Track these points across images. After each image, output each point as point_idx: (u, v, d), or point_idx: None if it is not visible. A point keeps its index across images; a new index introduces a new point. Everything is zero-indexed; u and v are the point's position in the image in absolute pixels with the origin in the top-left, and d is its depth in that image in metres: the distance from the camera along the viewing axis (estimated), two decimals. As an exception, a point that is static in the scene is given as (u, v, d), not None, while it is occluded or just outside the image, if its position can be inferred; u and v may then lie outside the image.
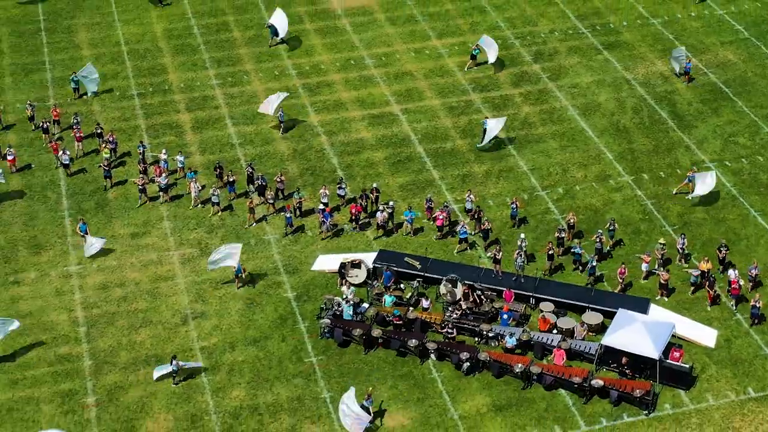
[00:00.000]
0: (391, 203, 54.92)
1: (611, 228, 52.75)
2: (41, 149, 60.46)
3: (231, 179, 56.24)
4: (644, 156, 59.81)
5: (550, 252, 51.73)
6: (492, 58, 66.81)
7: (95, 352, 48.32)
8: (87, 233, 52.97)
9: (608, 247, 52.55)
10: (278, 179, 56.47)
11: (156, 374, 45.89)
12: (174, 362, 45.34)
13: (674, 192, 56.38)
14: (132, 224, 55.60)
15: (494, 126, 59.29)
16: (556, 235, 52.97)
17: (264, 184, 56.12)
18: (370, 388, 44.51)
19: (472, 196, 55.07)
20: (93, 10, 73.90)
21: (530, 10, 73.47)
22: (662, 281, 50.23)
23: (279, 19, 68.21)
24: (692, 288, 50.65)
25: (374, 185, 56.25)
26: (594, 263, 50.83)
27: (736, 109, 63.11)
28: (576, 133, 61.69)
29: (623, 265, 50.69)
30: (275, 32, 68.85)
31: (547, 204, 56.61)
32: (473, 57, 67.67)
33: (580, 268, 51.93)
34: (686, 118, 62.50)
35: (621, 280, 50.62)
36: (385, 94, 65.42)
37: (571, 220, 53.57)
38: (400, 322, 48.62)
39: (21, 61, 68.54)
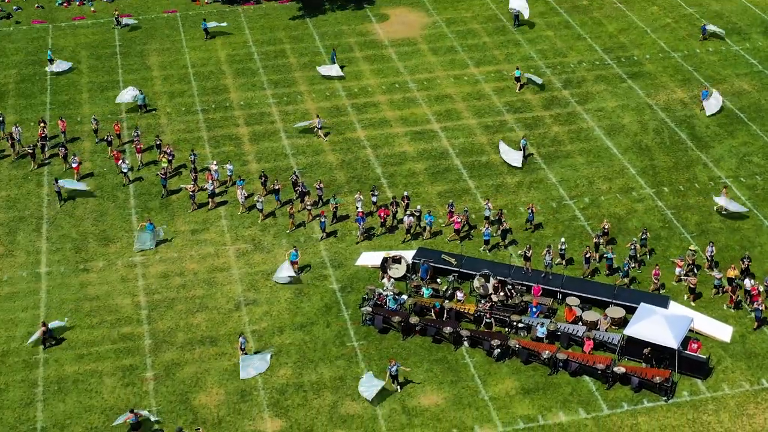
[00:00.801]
0: (418, 207, 54.05)
1: (643, 237, 51.33)
2: (106, 159, 60.10)
3: (276, 187, 55.37)
4: (664, 171, 58.43)
5: (587, 255, 50.39)
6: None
7: (155, 332, 47.66)
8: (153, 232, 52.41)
9: (641, 255, 50.92)
10: (318, 185, 55.72)
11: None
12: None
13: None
14: (192, 222, 55.00)
15: (507, 151, 58.98)
16: (594, 240, 51.55)
17: (304, 191, 55.30)
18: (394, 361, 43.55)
19: (490, 204, 53.93)
20: (164, 38, 73.87)
21: (560, 44, 72.51)
22: (691, 285, 48.69)
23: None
24: (714, 290, 49.05)
25: (405, 193, 55.39)
26: (629, 267, 49.62)
27: (751, 132, 61.66)
28: (601, 150, 60.45)
29: (657, 267, 49.31)
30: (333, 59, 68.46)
31: (574, 212, 55.36)
32: (517, 79, 67.03)
33: (617, 272, 50.51)
34: (704, 139, 61.11)
35: (656, 281, 49.15)
36: (426, 113, 64.58)
37: (606, 227, 52.22)
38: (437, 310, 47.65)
39: (97, 80, 68.55)
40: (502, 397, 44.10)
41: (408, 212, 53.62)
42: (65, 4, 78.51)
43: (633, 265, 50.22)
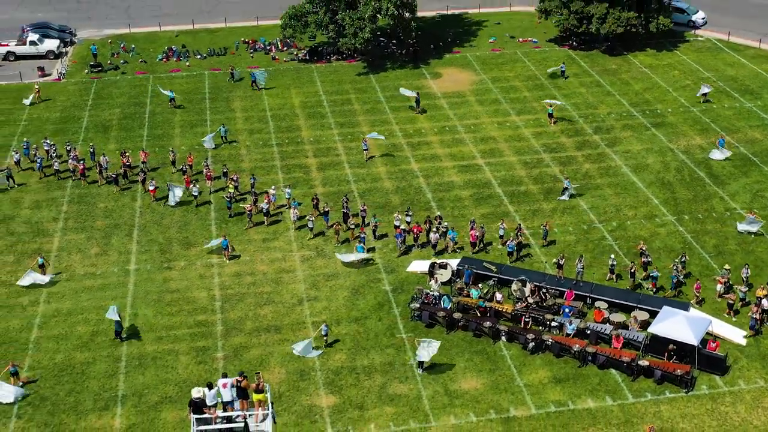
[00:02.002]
0: (445, 224, 52.43)
1: (683, 259, 48.87)
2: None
3: (325, 210, 53.96)
4: (685, 203, 56.28)
5: (632, 270, 48.15)
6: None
7: (226, 320, 46.46)
8: (227, 248, 51.02)
9: (682, 276, 48.36)
10: (362, 207, 54.31)
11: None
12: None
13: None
14: (264, 232, 53.96)
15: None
16: (642, 260, 48.97)
17: (347, 212, 53.85)
18: None
19: (504, 224, 52.22)
20: (247, 87, 73.64)
21: (592, 98, 71.03)
22: (729, 301, 46.19)
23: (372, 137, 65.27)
24: (740, 303, 46.53)
25: (438, 214, 53.94)
26: (676, 279, 47.49)
27: (763, 173, 59.34)
28: (628, 184, 58.51)
29: (698, 281, 47.07)
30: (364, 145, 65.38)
31: (603, 233, 53.35)
32: (550, 115, 65.80)
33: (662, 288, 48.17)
34: (720, 177, 58.93)
35: (696, 294, 46.70)
36: (472, 151, 63.25)
37: (643, 248, 49.87)
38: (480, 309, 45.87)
39: (188, 119, 68.39)
40: (535, 385, 42.03)
41: (434, 229, 51.91)
42: (164, 60, 78.96)
43: (680, 276, 47.83)
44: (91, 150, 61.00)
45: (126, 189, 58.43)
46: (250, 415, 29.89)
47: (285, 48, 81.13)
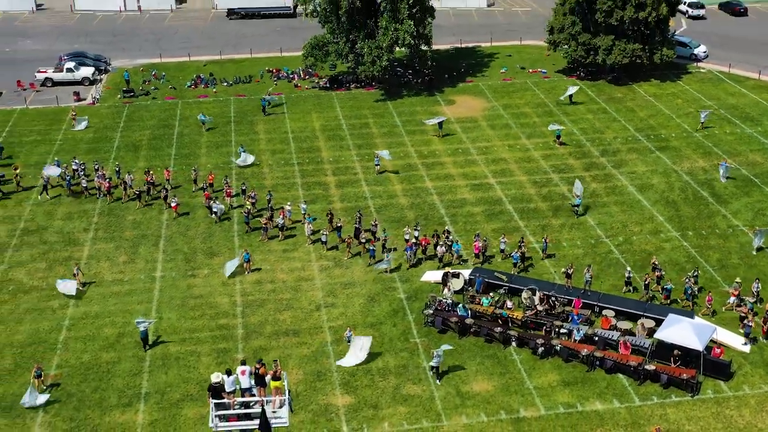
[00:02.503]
0: (451, 238, 51.64)
1: (695, 274, 47.56)
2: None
3: (339, 225, 53.16)
4: (689, 220, 55.38)
5: (647, 282, 47.10)
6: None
7: (247, 324, 45.79)
8: (249, 261, 50.32)
9: (696, 289, 46.88)
10: (373, 223, 53.50)
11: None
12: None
13: None
14: (284, 243, 53.33)
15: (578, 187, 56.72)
16: (657, 274, 47.60)
17: (359, 227, 52.97)
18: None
19: (505, 239, 51.46)
20: (269, 117, 73.31)
21: (598, 124, 70.43)
22: (742, 314, 45.07)
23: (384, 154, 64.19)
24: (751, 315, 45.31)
25: (447, 228, 53.20)
26: (691, 291, 46.11)
27: (764, 193, 58.42)
28: (633, 202, 57.70)
29: (709, 294, 45.98)
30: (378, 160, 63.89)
31: (610, 247, 52.48)
32: (558, 137, 65.50)
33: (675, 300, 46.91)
34: (723, 197, 58.04)
35: (708, 306, 45.50)
36: (484, 171, 62.64)
37: (655, 262, 48.76)
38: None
39: (214, 140, 68.13)
40: (544, 387, 41.05)
41: (440, 243, 51.03)
42: (193, 86, 79.05)
43: (695, 289, 46.51)
44: (117, 169, 60.66)
45: (148, 205, 57.86)
46: (267, 401, 29.10)
47: (307, 77, 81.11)
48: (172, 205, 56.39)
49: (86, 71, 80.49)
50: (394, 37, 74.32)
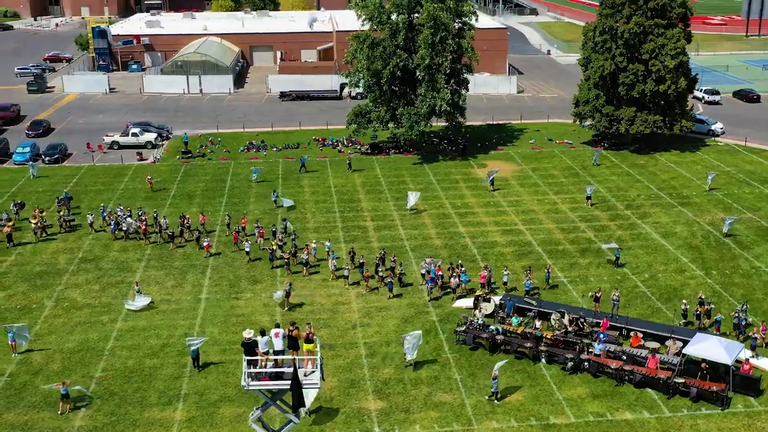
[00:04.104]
0: (462, 268, 49.66)
1: (744, 308, 44.83)
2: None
3: (361, 261, 50.95)
4: (712, 261, 52.91)
5: (698, 313, 44.30)
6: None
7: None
8: (289, 295, 48.56)
9: (745, 321, 43.91)
10: (393, 259, 51.50)
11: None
12: None
13: None
14: (324, 274, 51.67)
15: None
16: (706, 307, 44.69)
17: (378, 263, 50.97)
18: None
19: (508, 272, 49.79)
20: (314, 171, 72.75)
21: (623, 184, 68.67)
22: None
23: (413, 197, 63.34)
24: None
25: (459, 262, 51.15)
26: (742, 322, 43.34)
27: (785, 241, 56.02)
28: (657, 246, 55.45)
29: (763, 323, 43.03)
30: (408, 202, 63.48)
31: (636, 282, 50.09)
32: (588, 198, 63.33)
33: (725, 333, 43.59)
34: (745, 243, 55.60)
35: (762, 336, 42.32)
36: (514, 219, 60.95)
37: (702, 296, 45.98)
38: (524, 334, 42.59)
39: (262, 191, 67.39)
40: (574, 399, 38.38)
41: (454, 274, 49.00)
42: (245, 151, 79.14)
43: (747, 321, 43.70)
44: (155, 215, 59.54)
45: (180, 247, 56.25)
46: (299, 366, 27.08)
47: (350, 144, 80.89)
48: (205, 244, 54.98)
49: (149, 136, 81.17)
50: (431, 104, 74.09)
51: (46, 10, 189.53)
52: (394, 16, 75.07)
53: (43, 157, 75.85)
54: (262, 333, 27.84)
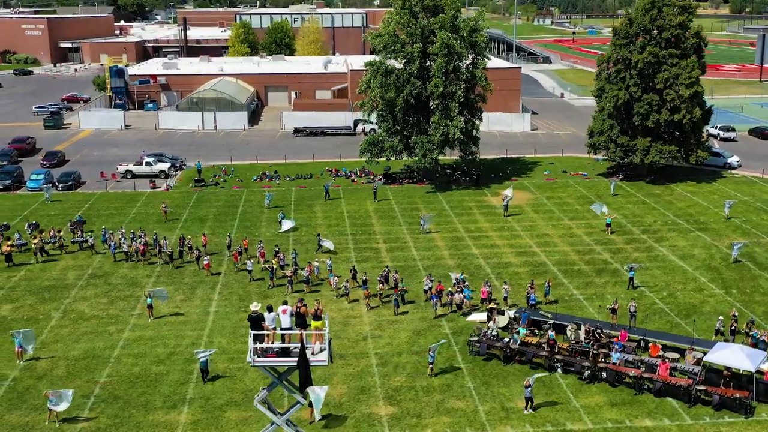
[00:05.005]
0: (465, 283, 48.81)
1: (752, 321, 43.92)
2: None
3: (364, 278, 49.78)
4: (732, 281, 51.87)
5: (732, 328, 43.19)
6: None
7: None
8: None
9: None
10: (394, 277, 50.54)
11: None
12: None
13: None
14: (336, 292, 50.94)
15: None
16: (741, 327, 43.53)
17: (381, 281, 50.05)
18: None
19: (507, 287, 49.08)
20: (326, 201, 72.40)
21: (638, 211, 67.91)
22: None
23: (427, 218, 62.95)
24: None
25: (460, 276, 50.23)
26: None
27: (806, 263, 54.88)
28: (675, 267, 54.50)
29: None
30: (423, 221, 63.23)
31: (654, 300, 49.06)
32: (608, 225, 62.06)
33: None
34: (764, 264, 54.58)
35: None
36: (528, 242, 60.17)
37: (735, 314, 44.70)
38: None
39: (274, 216, 66.79)
40: (591, 406, 37.23)
41: (457, 290, 48.10)
42: (258, 180, 79.08)
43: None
44: (155, 237, 58.79)
45: (179, 267, 55.52)
46: (308, 345, 26.34)
47: (363, 174, 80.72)
48: (205, 263, 54.30)
49: (163, 166, 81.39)
50: (445, 132, 74.02)
51: (65, 57, 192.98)
52: (407, 47, 75.43)
53: (56, 183, 76.03)
54: (269, 309, 27.14)
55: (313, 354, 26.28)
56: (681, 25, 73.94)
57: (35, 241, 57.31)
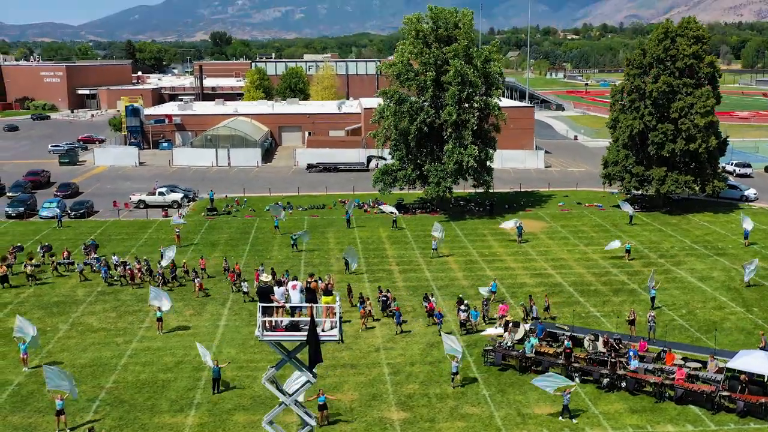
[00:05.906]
0: (466, 302, 47.65)
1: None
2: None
3: (361, 299, 48.27)
4: (753, 300, 50.72)
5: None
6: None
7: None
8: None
9: None
10: (385, 295, 49.41)
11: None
12: None
13: None
14: (345, 306, 50.10)
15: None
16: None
17: (385, 301, 49.16)
18: None
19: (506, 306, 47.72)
20: (340, 227, 71.98)
21: (655, 238, 67.01)
22: None
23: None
24: None
25: (461, 296, 49.20)
26: None
27: (828, 284, 53.62)
28: (695, 288, 53.44)
29: None
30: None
31: (673, 317, 47.91)
32: (627, 251, 61.00)
33: None
34: (786, 285, 53.47)
35: None
36: (543, 265, 59.29)
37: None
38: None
39: (286, 241, 66.41)
40: (611, 413, 36.05)
41: (462, 308, 47.08)
42: (271, 210, 78.75)
43: None
44: (146, 262, 57.42)
45: (182, 286, 54.92)
46: (318, 322, 25.57)
47: (375, 205, 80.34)
48: (197, 282, 53.42)
49: (176, 196, 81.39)
50: (458, 160, 73.74)
51: (83, 103, 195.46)
52: (421, 76, 75.66)
53: (69, 211, 76.00)
54: (279, 283, 26.45)
55: (323, 330, 25.46)
56: (695, 55, 73.94)
57: (31, 262, 56.32)
